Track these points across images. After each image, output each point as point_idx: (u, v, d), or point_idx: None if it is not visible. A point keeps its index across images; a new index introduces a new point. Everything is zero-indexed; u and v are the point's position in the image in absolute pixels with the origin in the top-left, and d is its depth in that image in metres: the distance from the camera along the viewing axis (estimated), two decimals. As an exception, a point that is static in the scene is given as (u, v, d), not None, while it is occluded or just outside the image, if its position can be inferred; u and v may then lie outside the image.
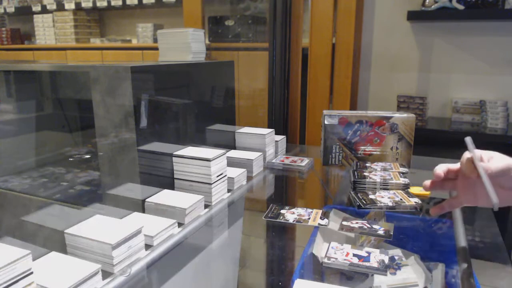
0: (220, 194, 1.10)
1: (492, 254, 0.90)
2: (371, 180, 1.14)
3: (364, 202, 1.03)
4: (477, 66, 2.12)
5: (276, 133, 1.52)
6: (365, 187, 1.14)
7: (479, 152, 0.76)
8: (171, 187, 1.10)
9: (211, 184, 1.05)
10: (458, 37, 2.13)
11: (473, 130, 1.98)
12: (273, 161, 1.43)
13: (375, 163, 1.30)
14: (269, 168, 1.41)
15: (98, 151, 1.03)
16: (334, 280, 0.80)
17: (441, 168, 0.81)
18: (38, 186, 1.26)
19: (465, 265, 0.73)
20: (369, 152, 1.38)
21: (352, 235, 0.91)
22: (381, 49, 2.31)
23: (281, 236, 1.01)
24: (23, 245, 0.62)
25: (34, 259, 0.62)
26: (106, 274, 0.73)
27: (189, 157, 1.06)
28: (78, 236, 0.76)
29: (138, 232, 0.79)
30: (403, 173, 1.21)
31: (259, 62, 2.26)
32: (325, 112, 1.38)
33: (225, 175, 1.12)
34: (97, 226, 0.80)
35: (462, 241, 0.83)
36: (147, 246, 0.83)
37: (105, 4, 3.15)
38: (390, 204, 1.02)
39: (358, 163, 1.30)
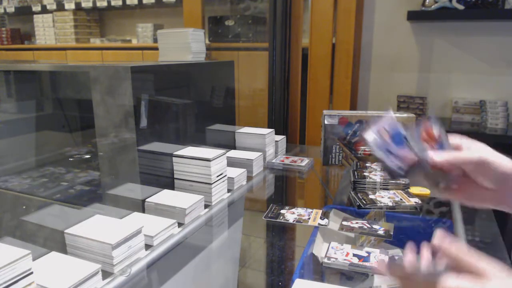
0: (220, 194, 1.10)
1: (492, 254, 0.89)
2: (371, 180, 1.14)
3: (364, 202, 1.03)
4: (477, 66, 2.12)
5: (276, 133, 1.52)
6: (365, 187, 1.14)
7: (457, 139, 0.61)
8: (171, 187, 1.10)
9: (211, 184, 1.05)
10: (458, 37, 2.13)
11: (473, 130, 1.98)
12: (273, 161, 1.43)
13: (375, 163, 1.30)
14: (269, 168, 1.41)
15: (98, 151, 1.03)
16: (334, 280, 0.80)
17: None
18: (38, 186, 1.26)
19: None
20: (369, 152, 1.38)
21: (352, 235, 0.91)
22: (381, 49, 2.30)
23: (281, 236, 1.01)
24: (23, 245, 0.62)
25: (34, 259, 0.62)
26: (106, 274, 0.73)
27: (189, 157, 1.06)
28: (78, 236, 0.76)
29: (138, 232, 0.79)
30: (403, 173, 1.21)
31: (259, 62, 2.26)
32: (325, 112, 1.38)
33: (225, 175, 1.12)
34: (97, 226, 0.80)
35: (462, 241, 0.83)
36: (147, 246, 0.83)
37: (105, 4, 3.15)
38: (390, 204, 1.02)
39: (358, 163, 1.30)
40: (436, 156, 0.58)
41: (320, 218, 0.97)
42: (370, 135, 0.59)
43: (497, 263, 0.46)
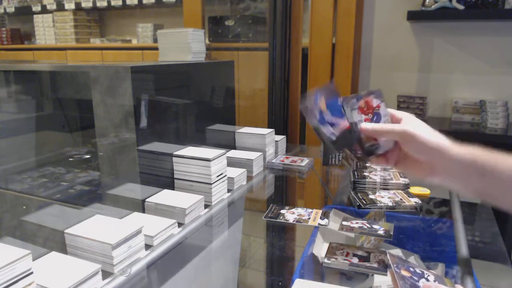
0: (220, 194, 1.10)
1: (492, 254, 0.90)
2: (371, 180, 1.14)
3: (364, 202, 1.03)
4: (477, 66, 2.12)
5: (276, 133, 1.52)
6: (365, 187, 1.14)
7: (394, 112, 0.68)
8: (171, 187, 1.10)
9: (211, 184, 1.05)
10: (458, 37, 2.13)
11: (473, 130, 1.98)
12: (273, 161, 1.43)
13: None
14: (269, 168, 1.41)
15: (98, 151, 1.03)
16: (334, 280, 0.80)
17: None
18: (38, 186, 1.26)
19: (465, 265, 0.74)
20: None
21: (352, 235, 0.91)
22: (381, 49, 2.31)
23: (281, 236, 1.01)
24: (23, 245, 0.62)
25: (34, 259, 0.62)
26: (106, 274, 0.73)
27: (189, 157, 1.06)
28: (78, 236, 0.76)
29: (138, 232, 0.79)
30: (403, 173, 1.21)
31: (259, 62, 2.26)
32: (325, 112, 1.38)
33: (225, 175, 1.12)
34: (97, 226, 0.80)
35: (462, 241, 0.83)
36: (147, 246, 0.83)
37: (105, 4, 3.15)
38: (390, 204, 1.02)
39: (358, 163, 1.30)
40: (364, 125, 0.66)
41: (320, 218, 0.97)
42: (306, 105, 0.63)
43: None
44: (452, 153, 0.62)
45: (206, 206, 1.03)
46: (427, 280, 0.62)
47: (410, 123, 0.65)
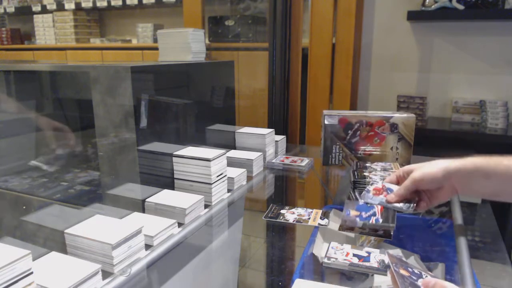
0: (220, 194, 1.10)
1: (492, 254, 0.90)
2: (371, 180, 1.14)
3: (364, 202, 1.02)
4: (477, 66, 2.12)
5: (276, 133, 1.52)
6: (365, 187, 1.14)
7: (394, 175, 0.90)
8: (171, 187, 1.10)
9: (211, 184, 1.05)
10: (458, 37, 2.13)
11: (473, 130, 1.98)
12: (273, 161, 1.43)
13: (375, 163, 1.30)
14: (269, 168, 1.41)
15: (98, 151, 1.03)
16: (334, 280, 0.80)
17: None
18: (38, 186, 1.26)
19: (465, 265, 0.74)
20: (369, 152, 1.38)
21: (352, 235, 0.91)
22: (381, 49, 2.31)
23: (281, 236, 1.01)
24: (23, 245, 0.62)
25: (34, 259, 0.62)
26: (106, 274, 0.73)
27: (189, 157, 1.06)
28: (78, 236, 0.76)
29: (138, 232, 0.79)
30: (403, 173, 1.21)
31: (259, 62, 2.26)
32: (325, 112, 1.38)
33: (225, 175, 1.12)
34: (97, 226, 0.80)
35: (462, 241, 0.83)
36: (147, 246, 0.83)
37: (105, 4, 3.15)
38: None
39: (358, 163, 1.30)
40: (390, 199, 0.86)
41: (320, 218, 0.97)
42: (345, 222, 0.85)
43: None
44: (452, 167, 0.76)
45: (206, 206, 1.03)
46: None
47: (415, 171, 0.82)
